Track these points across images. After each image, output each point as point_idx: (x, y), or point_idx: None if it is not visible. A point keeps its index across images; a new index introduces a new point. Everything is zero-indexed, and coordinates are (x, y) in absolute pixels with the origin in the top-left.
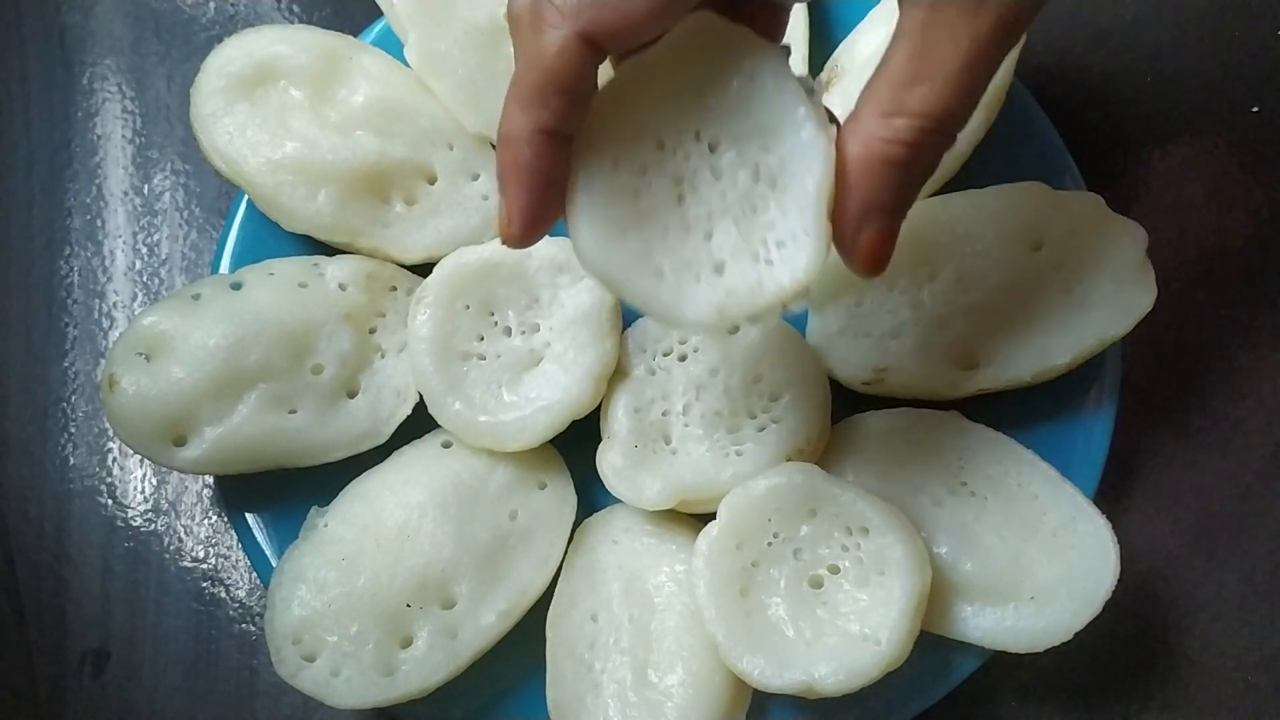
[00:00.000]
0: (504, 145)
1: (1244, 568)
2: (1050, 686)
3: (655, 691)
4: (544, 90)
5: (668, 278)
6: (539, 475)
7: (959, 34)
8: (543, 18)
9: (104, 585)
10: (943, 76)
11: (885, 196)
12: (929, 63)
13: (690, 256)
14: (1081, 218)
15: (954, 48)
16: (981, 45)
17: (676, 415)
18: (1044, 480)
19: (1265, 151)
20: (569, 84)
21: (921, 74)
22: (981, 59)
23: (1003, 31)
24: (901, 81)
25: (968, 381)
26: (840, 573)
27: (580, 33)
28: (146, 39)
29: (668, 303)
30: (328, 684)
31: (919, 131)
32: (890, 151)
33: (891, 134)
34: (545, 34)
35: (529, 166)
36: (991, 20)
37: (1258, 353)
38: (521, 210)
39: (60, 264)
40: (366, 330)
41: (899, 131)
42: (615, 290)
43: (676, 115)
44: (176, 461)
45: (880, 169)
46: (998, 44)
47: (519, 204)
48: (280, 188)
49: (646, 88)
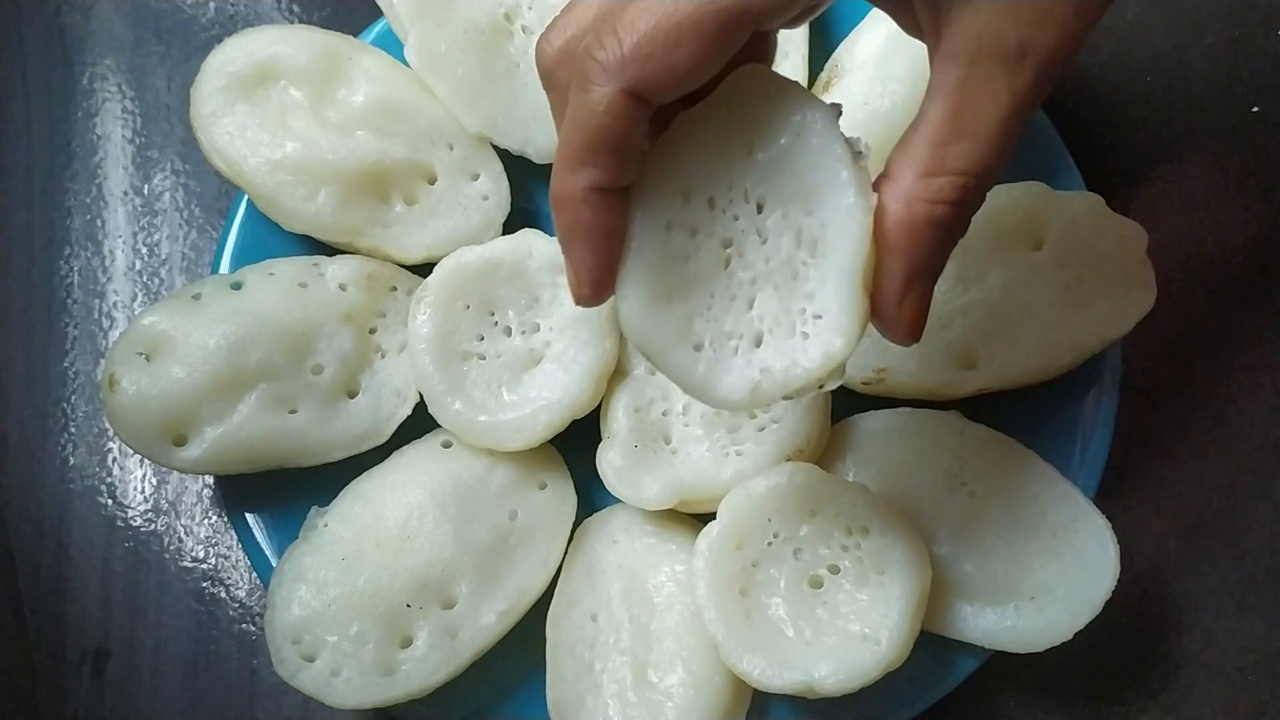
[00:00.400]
0: (559, 208)
1: (1244, 567)
2: (1050, 686)
3: (655, 691)
4: (594, 149)
5: (706, 351)
6: (539, 475)
7: (999, 89)
8: (588, 76)
9: (104, 585)
10: (985, 132)
11: (929, 260)
12: (969, 120)
13: (731, 327)
14: (1081, 218)
15: (994, 103)
16: (1020, 100)
17: (676, 415)
18: (1044, 480)
19: (1265, 151)
20: (619, 141)
21: (961, 131)
22: (1021, 111)
23: (1040, 83)
24: (941, 140)
25: (968, 381)
26: (840, 573)
27: (626, 88)
28: (146, 39)
29: (702, 380)
30: (328, 684)
31: (962, 190)
32: (935, 213)
33: (935, 194)
34: (591, 92)
35: (588, 226)
36: (1030, 75)
37: (1258, 353)
38: (589, 270)
39: (60, 264)
40: (367, 330)
41: (942, 191)
42: (652, 360)
43: (728, 172)
44: (176, 461)
45: (925, 231)
46: (1036, 95)
47: (585, 265)
48: (280, 188)
49: (699, 144)
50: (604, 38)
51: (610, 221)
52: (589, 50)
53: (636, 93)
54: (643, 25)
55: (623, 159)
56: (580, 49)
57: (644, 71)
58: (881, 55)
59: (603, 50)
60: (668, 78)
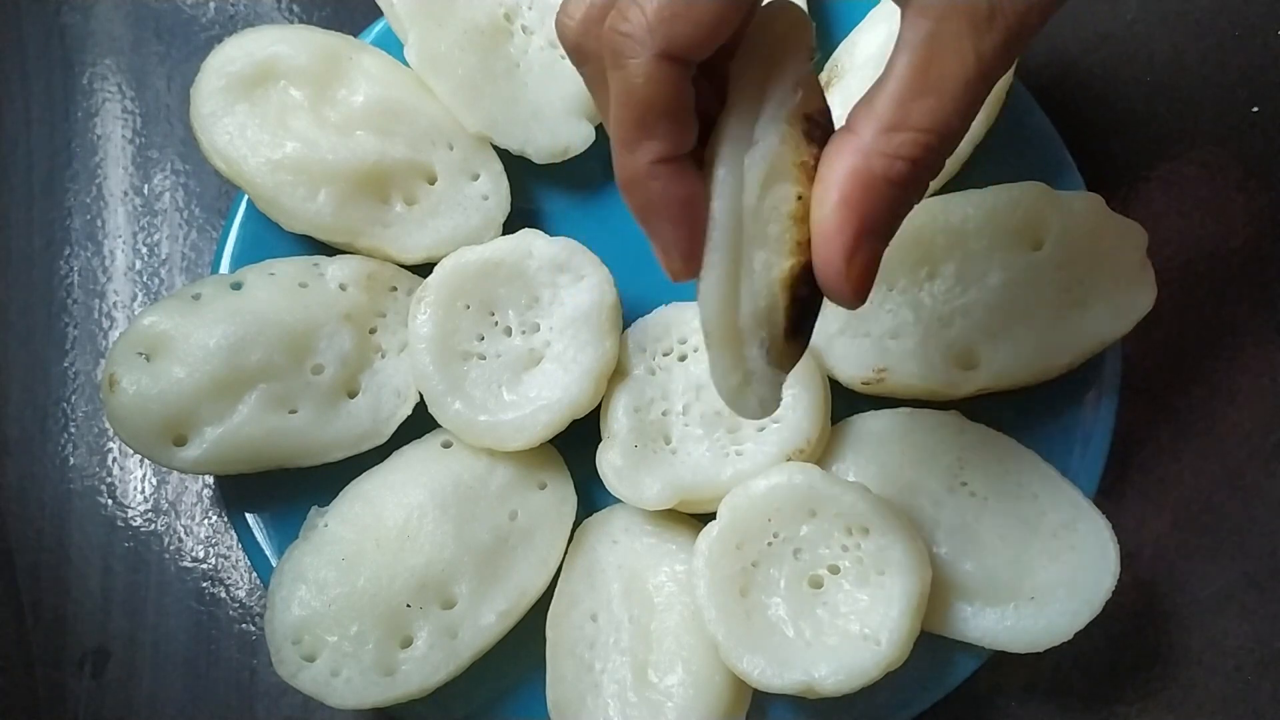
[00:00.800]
0: (630, 191)
1: (1244, 567)
2: (1050, 686)
3: (655, 691)
4: (645, 121)
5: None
6: (539, 475)
7: (965, 48)
8: (620, 52)
9: (104, 585)
10: (949, 91)
11: (882, 218)
12: (934, 76)
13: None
14: (1081, 218)
15: (960, 62)
16: (987, 60)
17: (676, 415)
18: (1044, 480)
19: (1265, 151)
20: (668, 107)
21: (926, 88)
22: (987, 74)
23: (1008, 47)
24: (904, 96)
25: (968, 381)
26: (840, 573)
27: (660, 52)
28: (146, 39)
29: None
30: (328, 684)
31: (923, 147)
32: (893, 169)
33: (894, 149)
34: (626, 66)
35: (663, 199)
36: (999, 35)
37: (1258, 353)
38: (676, 243)
39: (60, 264)
40: (367, 330)
41: (902, 147)
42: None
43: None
44: (176, 461)
45: (881, 187)
46: (1003, 59)
47: (671, 239)
48: (280, 188)
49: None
50: (626, 10)
51: (684, 189)
52: (614, 26)
53: (671, 54)
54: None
55: (678, 124)
56: (606, 29)
57: (673, 31)
58: (881, 55)
59: (627, 22)
60: (697, 31)
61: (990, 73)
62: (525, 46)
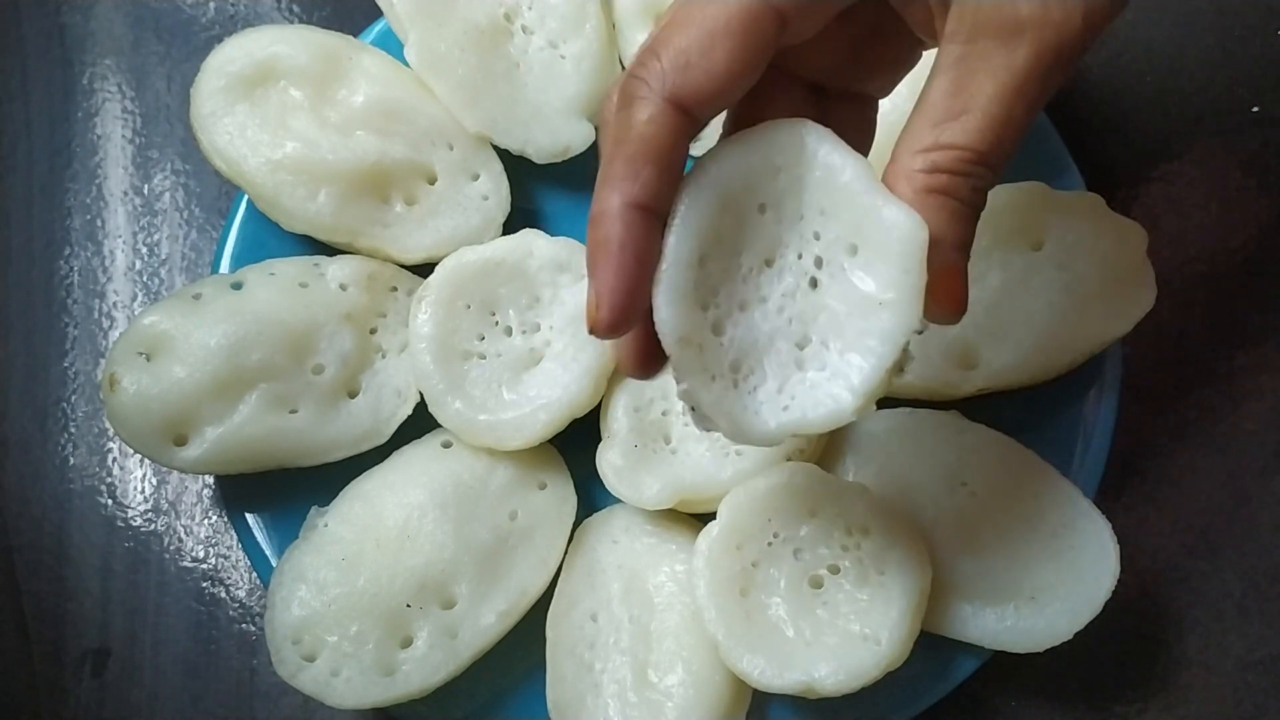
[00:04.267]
0: (593, 224)
1: (1244, 568)
2: (1050, 686)
3: (655, 691)
4: (635, 161)
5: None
6: (539, 475)
7: (996, 66)
8: (633, 94)
9: (104, 585)
10: (981, 110)
11: (941, 228)
12: (965, 97)
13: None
14: (1081, 218)
15: (991, 79)
16: (1019, 77)
17: (676, 415)
18: (1044, 480)
19: (1265, 151)
20: (660, 152)
21: (957, 109)
22: (1020, 91)
23: (1041, 63)
24: (938, 119)
25: (968, 381)
26: (840, 573)
27: (669, 98)
28: (146, 39)
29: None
30: (328, 684)
31: (957, 160)
32: (932, 181)
33: (929, 166)
34: (635, 107)
35: (619, 241)
36: (1028, 51)
37: (1258, 353)
38: (611, 291)
39: (60, 264)
40: (367, 330)
41: (937, 162)
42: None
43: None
44: (177, 461)
45: (928, 200)
46: (1038, 76)
47: (607, 285)
48: (280, 188)
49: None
50: (646, 59)
51: (643, 245)
52: (633, 72)
53: (679, 101)
54: (680, 39)
55: (662, 175)
56: (626, 74)
57: (684, 80)
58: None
59: (645, 69)
60: (707, 83)
61: (1025, 90)
62: (525, 46)
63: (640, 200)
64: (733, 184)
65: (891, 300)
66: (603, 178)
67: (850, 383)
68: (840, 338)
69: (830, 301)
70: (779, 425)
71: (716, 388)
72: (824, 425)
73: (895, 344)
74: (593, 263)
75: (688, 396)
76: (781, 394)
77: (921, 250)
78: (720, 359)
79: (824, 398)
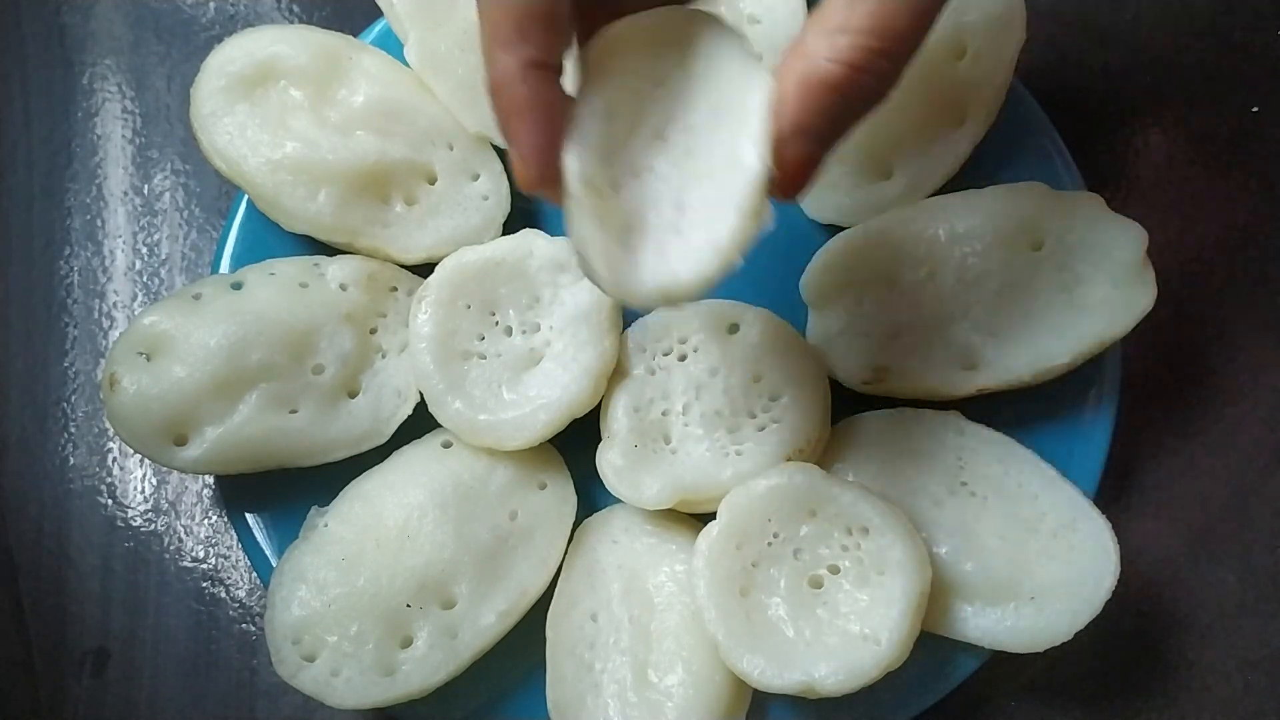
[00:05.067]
0: (497, 91)
1: (1244, 568)
2: (1050, 686)
3: (655, 691)
4: (523, 24)
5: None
6: (539, 475)
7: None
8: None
9: (104, 585)
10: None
11: (815, 121)
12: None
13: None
14: (1081, 218)
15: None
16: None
17: (676, 415)
18: (1044, 480)
19: (1265, 152)
20: (546, 11)
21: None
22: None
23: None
24: (849, 1)
25: (968, 381)
26: (840, 573)
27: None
28: (146, 39)
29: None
30: (328, 684)
31: (863, 51)
32: (830, 72)
33: (833, 53)
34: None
35: (529, 103)
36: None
37: (1258, 353)
38: (533, 149)
39: (60, 264)
40: (367, 330)
41: (840, 51)
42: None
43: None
44: (177, 461)
45: (817, 91)
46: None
47: (529, 144)
48: (280, 188)
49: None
50: None
51: (551, 95)
52: None
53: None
54: None
55: (554, 31)
56: None
57: None
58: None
59: None
60: None
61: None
62: None
63: (537, 59)
64: (636, 60)
65: (746, 165)
66: (493, 39)
67: (718, 244)
68: (708, 205)
69: (703, 170)
70: (655, 284)
71: (606, 241)
72: (693, 284)
73: (748, 203)
74: (507, 130)
75: (581, 244)
76: (660, 258)
77: (766, 121)
78: (613, 215)
79: (691, 257)
